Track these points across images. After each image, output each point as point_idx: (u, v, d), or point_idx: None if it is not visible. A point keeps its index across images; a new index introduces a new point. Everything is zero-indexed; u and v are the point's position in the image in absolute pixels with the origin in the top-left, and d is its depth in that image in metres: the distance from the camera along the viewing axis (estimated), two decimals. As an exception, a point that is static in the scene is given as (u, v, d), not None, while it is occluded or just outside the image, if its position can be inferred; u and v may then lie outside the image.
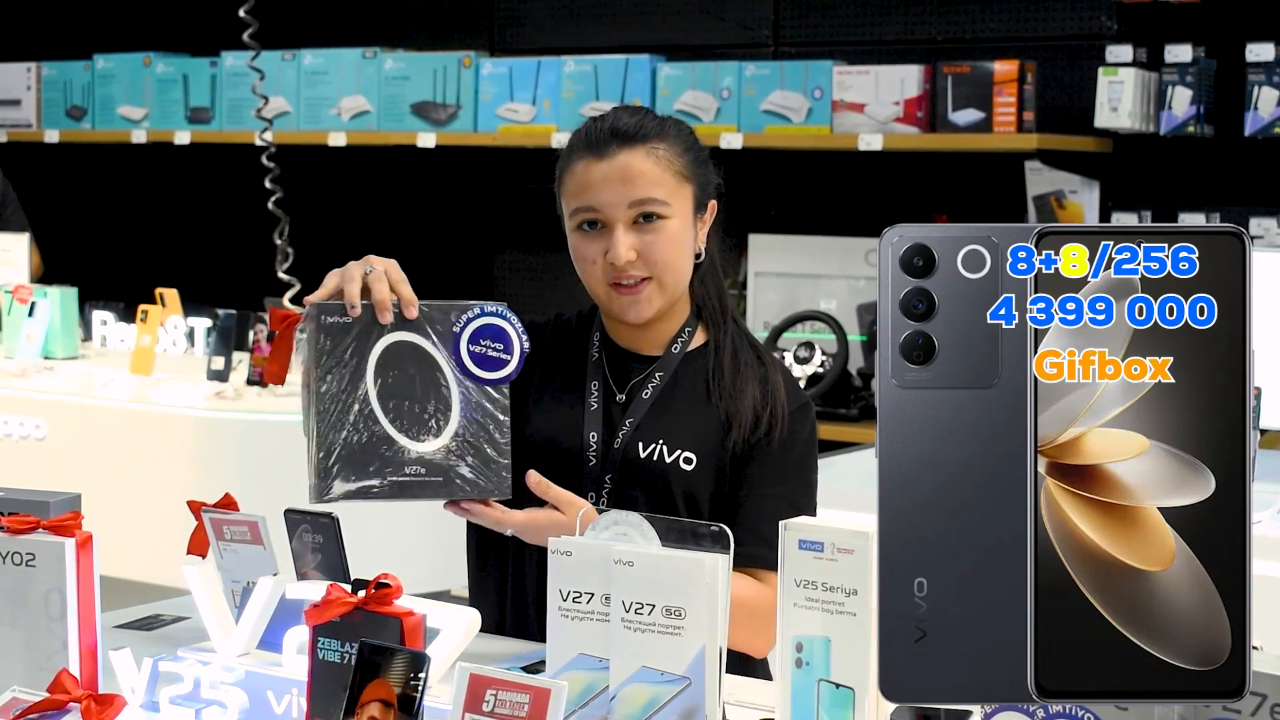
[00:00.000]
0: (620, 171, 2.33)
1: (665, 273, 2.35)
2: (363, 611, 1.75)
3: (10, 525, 1.86)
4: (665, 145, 2.36)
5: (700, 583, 1.72)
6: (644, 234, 2.33)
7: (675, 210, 2.35)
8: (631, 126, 2.35)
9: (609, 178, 2.33)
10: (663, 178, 2.34)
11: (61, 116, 6.54)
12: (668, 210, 2.34)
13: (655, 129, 2.36)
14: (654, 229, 2.34)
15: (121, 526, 3.95)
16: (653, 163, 2.34)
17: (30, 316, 4.75)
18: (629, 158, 2.34)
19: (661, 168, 2.34)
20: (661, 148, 2.35)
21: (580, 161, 2.36)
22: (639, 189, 2.33)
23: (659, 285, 2.36)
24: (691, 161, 2.38)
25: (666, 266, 2.35)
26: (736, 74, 5.22)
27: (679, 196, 2.36)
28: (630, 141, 2.34)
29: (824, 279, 5.22)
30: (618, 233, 2.33)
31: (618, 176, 2.33)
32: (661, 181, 2.34)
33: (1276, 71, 4.53)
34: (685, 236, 2.37)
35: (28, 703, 1.77)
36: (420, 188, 6.37)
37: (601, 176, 2.34)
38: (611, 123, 2.36)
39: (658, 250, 2.34)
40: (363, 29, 6.32)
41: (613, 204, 2.33)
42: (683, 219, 2.36)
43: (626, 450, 2.35)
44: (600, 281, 2.36)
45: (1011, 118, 4.82)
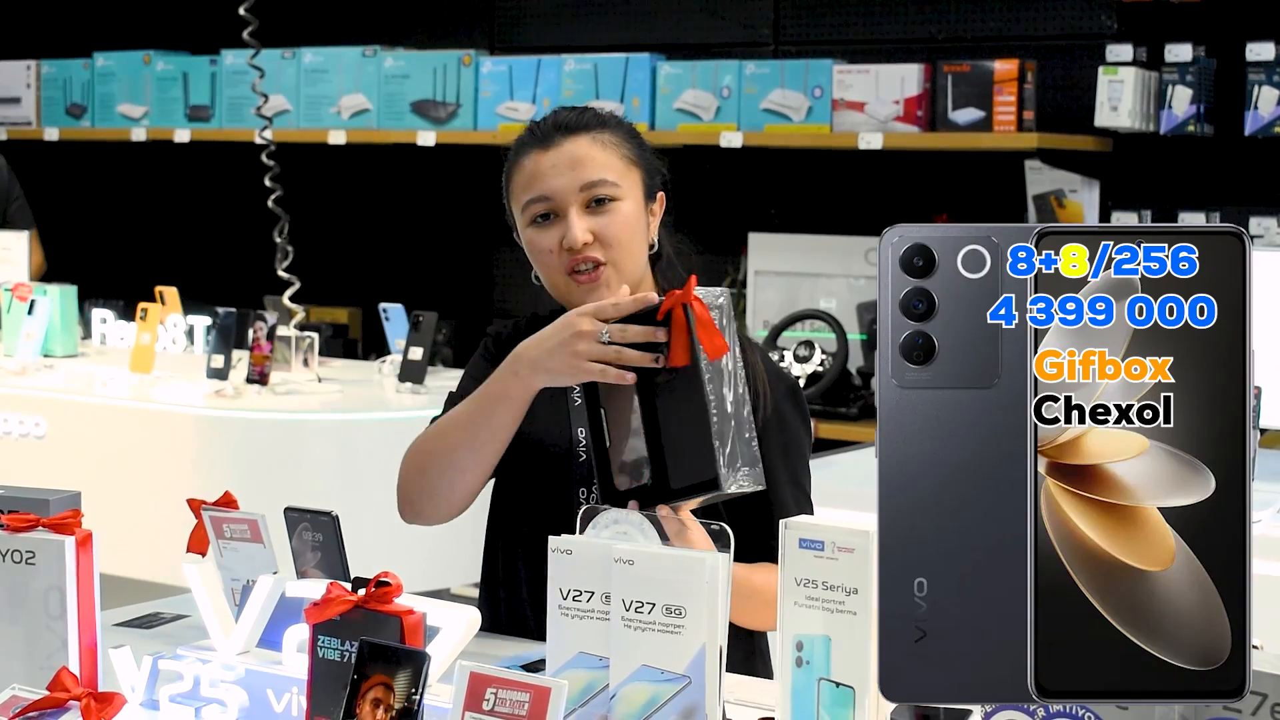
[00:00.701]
0: (569, 158, 2.35)
1: (622, 255, 2.35)
2: (363, 610, 1.75)
3: (10, 523, 1.86)
4: (609, 133, 2.38)
5: (700, 581, 1.72)
6: (598, 216, 2.34)
7: (625, 193, 2.36)
8: (573, 119, 2.38)
9: (558, 165, 2.35)
10: (611, 161, 2.36)
11: (61, 114, 6.55)
12: (619, 192, 2.35)
13: (597, 120, 2.39)
14: (607, 210, 2.35)
15: (121, 525, 3.96)
16: (599, 148, 2.36)
17: (30, 315, 4.75)
18: (575, 145, 2.36)
19: (609, 152, 2.37)
20: (605, 135, 2.38)
21: (527, 157, 2.38)
22: (589, 171, 2.35)
23: (615, 269, 2.35)
24: (636, 149, 2.40)
25: (622, 247, 2.35)
26: (736, 73, 5.22)
27: (628, 180, 2.37)
28: (574, 131, 2.37)
29: (824, 278, 5.23)
30: (571, 217, 2.34)
31: (566, 163, 2.35)
32: (610, 165, 2.36)
33: (1277, 71, 4.53)
34: (639, 220, 2.38)
35: (27, 701, 1.77)
36: (420, 186, 6.37)
37: (550, 165, 2.35)
38: (554, 118, 2.40)
39: (612, 231, 2.34)
40: (362, 27, 6.32)
41: (564, 190, 2.34)
42: (635, 202, 2.37)
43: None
44: (558, 271, 2.36)
45: (1011, 117, 4.82)
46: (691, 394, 2.01)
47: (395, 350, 4.75)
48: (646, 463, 2.06)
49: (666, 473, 2.04)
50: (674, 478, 2.03)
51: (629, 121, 2.46)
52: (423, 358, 4.43)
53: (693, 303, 1.99)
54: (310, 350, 4.49)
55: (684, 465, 2.02)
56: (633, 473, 2.08)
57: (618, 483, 2.07)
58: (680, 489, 2.02)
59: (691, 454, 2.01)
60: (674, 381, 2.03)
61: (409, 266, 6.35)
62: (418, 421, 4.14)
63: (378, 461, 4.07)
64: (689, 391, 2.02)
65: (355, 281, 6.30)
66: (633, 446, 2.08)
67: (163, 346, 4.81)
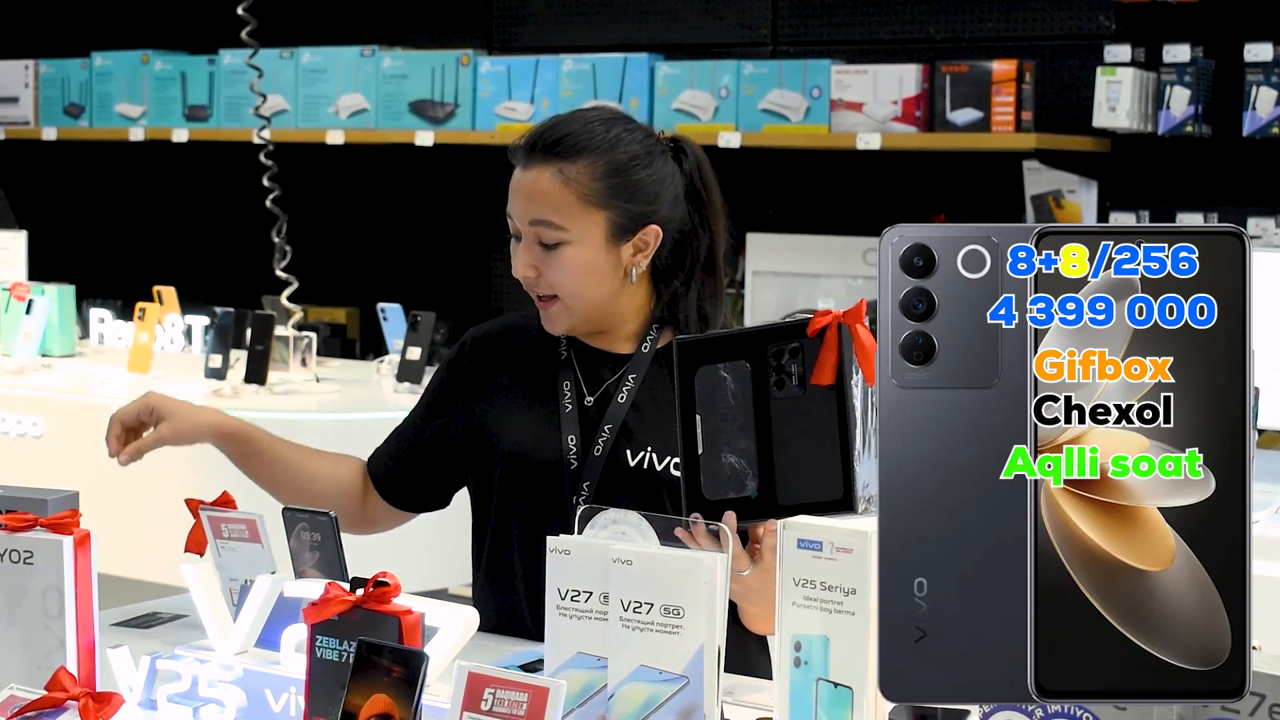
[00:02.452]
0: (528, 187, 2.32)
1: (568, 296, 2.32)
2: (361, 610, 1.75)
3: (8, 523, 1.86)
4: (580, 166, 2.29)
5: (699, 582, 1.72)
6: (543, 256, 2.32)
7: (575, 236, 2.30)
8: (551, 140, 2.30)
9: (519, 190, 2.33)
10: (564, 202, 2.29)
11: (59, 114, 6.54)
12: (565, 235, 2.30)
13: (572, 148, 2.29)
14: (551, 254, 2.31)
15: (119, 524, 3.95)
16: (558, 184, 2.29)
17: (28, 314, 4.74)
18: (537, 175, 2.31)
19: (567, 190, 2.29)
20: (575, 169, 2.29)
21: (514, 165, 2.36)
22: (535, 209, 2.30)
23: (564, 307, 2.34)
24: (611, 187, 2.30)
25: (567, 291, 2.32)
26: (735, 73, 5.22)
27: (582, 223, 2.30)
28: (545, 157, 2.30)
29: (822, 278, 5.22)
30: (521, 247, 2.33)
31: (525, 192, 2.32)
32: (561, 206, 2.29)
33: (1275, 71, 4.53)
34: (589, 262, 2.31)
35: (25, 700, 1.76)
36: (418, 186, 6.36)
37: (515, 186, 2.34)
38: (541, 131, 2.33)
39: (554, 274, 2.31)
40: (361, 27, 6.32)
41: (519, 216, 2.33)
42: (588, 245, 2.30)
43: (612, 458, 2.32)
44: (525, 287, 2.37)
45: (1010, 117, 4.82)
46: (826, 413, 1.98)
47: (393, 350, 4.75)
48: (751, 476, 2.03)
49: (776, 488, 2.00)
50: (788, 494, 2.00)
51: (630, 148, 2.32)
52: (421, 358, 4.43)
53: (856, 326, 1.96)
54: (308, 350, 4.49)
55: (802, 483, 1.99)
56: (732, 484, 2.03)
57: (706, 492, 2.03)
58: (791, 505, 1.99)
59: (813, 472, 1.98)
60: (804, 399, 2.00)
61: (407, 266, 6.35)
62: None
63: (376, 461, 4.06)
64: (823, 410, 1.99)
65: (353, 281, 6.30)
66: (726, 458, 2.04)
67: (161, 346, 4.81)
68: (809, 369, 1.96)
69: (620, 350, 2.40)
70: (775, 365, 1.98)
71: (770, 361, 1.98)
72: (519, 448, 2.35)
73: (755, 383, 2.01)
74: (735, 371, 1.99)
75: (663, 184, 2.35)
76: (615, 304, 2.37)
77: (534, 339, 2.44)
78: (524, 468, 2.35)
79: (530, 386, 2.40)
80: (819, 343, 1.93)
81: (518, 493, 2.37)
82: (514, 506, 2.38)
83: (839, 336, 1.94)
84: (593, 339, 2.41)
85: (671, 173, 2.37)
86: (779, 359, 1.99)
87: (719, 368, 1.99)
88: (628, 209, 2.31)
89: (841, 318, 1.95)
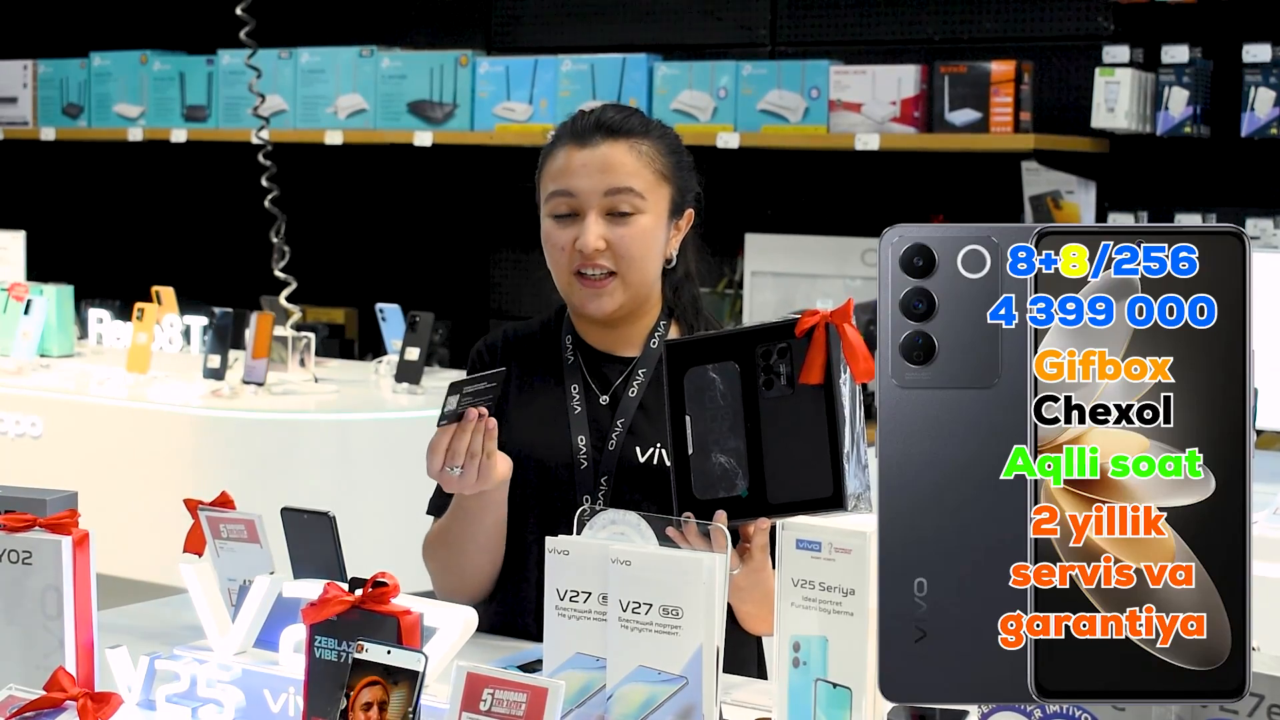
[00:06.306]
0: (600, 161, 2.36)
1: (630, 269, 2.36)
2: (360, 610, 1.75)
3: (7, 523, 1.86)
4: (649, 143, 2.39)
5: (698, 582, 1.72)
6: (615, 226, 2.36)
7: (649, 207, 2.37)
8: (617, 121, 2.38)
9: (588, 165, 2.36)
10: (641, 172, 2.37)
11: (58, 114, 6.54)
12: (642, 204, 2.36)
13: (640, 127, 2.39)
14: (625, 222, 2.36)
15: (118, 525, 3.95)
16: (634, 157, 2.37)
17: (26, 314, 4.74)
18: (610, 149, 2.36)
19: (642, 163, 2.37)
20: (645, 145, 2.38)
21: (563, 149, 2.39)
22: (616, 178, 2.35)
23: (623, 281, 2.37)
24: (674, 164, 2.40)
25: (632, 262, 2.36)
26: (733, 73, 5.22)
27: (655, 194, 2.38)
28: (614, 134, 2.37)
29: (821, 279, 5.22)
30: (589, 220, 2.35)
31: (597, 165, 2.36)
32: (639, 175, 2.36)
33: (1273, 72, 4.53)
34: (656, 235, 2.38)
35: (24, 700, 1.76)
36: (417, 186, 6.36)
37: (581, 163, 2.36)
38: (598, 116, 2.40)
39: (626, 244, 2.35)
40: (359, 27, 6.32)
41: (588, 191, 2.35)
42: (656, 217, 2.38)
43: (624, 455, 2.35)
44: (565, 269, 2.38)
45: (1008, 118, 4.82)
46: (815, 412, 1.98)
47: (392, 350, 4.75)
48: (742, 475, 2.02)
49: (767, 487, 2.00)
50: (778, 492, 2.00)
51: (675, 133, 2.45)
52: (419, 358, 4.43)
53: (844, 325, 1.96)
54: (307, 350, 4.49)
55: (791, 481, 1.99)
56: (722, 484, 2.03)
57: (696, 491, 2.02)
58: (781, 504, 1.98)
59: (803, 471, 1.98)
60: (792, 398, 2.00)
61: (406, 267, 6.35)
62: (414, 422, 4.13)
63: (374, 462, 4.07)
64: (811, 409, 1.98)
65: (352, 282, 6.30)
66: (716, 458, 2.04)
67: (159, 346, 4.81)
68: (797, 368, 1.97)
69: (624, 353, 2.44)
70: (764, 365, 1.99)
71: (759, 361, 1.98)
72: (529, 450, 2.36)
73: (744, 383, 2.01)
74: (724, 372, 2.00)
75: (694, 174, 2.47)
76: (652, 290, 2.43)
77: (539, 344, 2.48)
78: (535, 471, 2.36)
79: (538, 391, 2.43)
80: (807, 342, 1.94)
81: (529, 497, 2.38)
82: (525, 510, 2.38)
83: (827, 336, 1.95)
84: (599, 341, 2.44)
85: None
86: (767, 359, 2.00)
87: (708, 368, 2.00)
88: (683, 188, 2.43)
89: (829, 317, 1.96)
